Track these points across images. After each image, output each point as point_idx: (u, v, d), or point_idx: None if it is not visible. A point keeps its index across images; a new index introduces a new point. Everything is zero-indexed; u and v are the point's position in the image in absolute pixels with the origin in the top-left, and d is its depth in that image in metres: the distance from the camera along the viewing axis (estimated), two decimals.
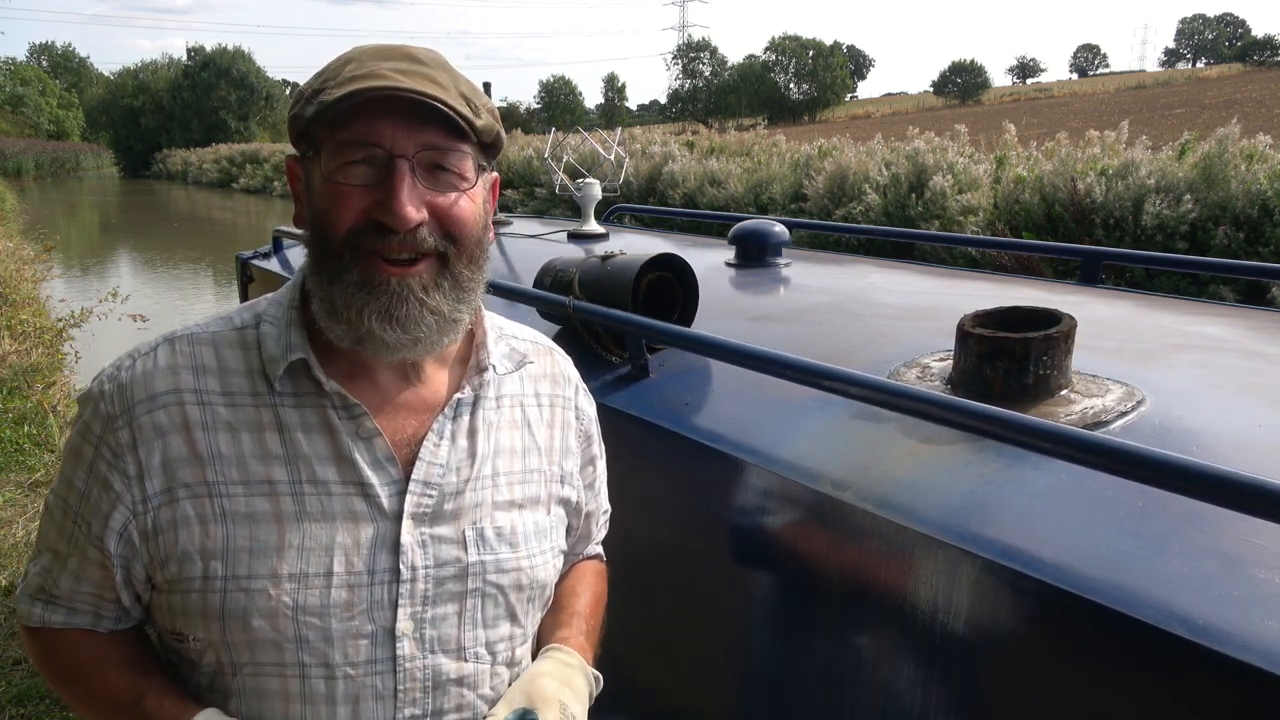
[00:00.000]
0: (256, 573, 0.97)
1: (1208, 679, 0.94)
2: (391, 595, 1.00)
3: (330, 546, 0.99)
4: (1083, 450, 1.10)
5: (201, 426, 1.00)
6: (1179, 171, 9.13)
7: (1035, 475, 1.24)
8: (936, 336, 1.73)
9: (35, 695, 3.32)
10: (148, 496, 0.99)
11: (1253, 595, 0.97)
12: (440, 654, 1.02)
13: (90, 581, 1.05)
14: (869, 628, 1.31)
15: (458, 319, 1.03)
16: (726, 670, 1.55)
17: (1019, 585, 1.09)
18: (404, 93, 0.94)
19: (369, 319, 0.97)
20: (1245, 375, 1.54)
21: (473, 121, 0.99)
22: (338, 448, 1.01)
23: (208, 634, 0.99)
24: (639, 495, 1.73)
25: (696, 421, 1.65)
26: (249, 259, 3.75)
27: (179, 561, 0.98)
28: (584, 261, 2.04)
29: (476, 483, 1.07)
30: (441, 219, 0.99)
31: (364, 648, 0.99)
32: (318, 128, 0.98)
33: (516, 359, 1.17)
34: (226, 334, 1.06)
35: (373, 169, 0.96)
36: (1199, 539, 1.06)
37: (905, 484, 1.30)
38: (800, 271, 2.58)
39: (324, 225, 0.98)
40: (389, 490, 1.02)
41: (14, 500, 4.93)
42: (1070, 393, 1.40)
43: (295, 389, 1.02)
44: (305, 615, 0.97)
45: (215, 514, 0.98)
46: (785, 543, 1.45)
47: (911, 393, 1.31)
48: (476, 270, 1.04)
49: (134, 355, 1.05)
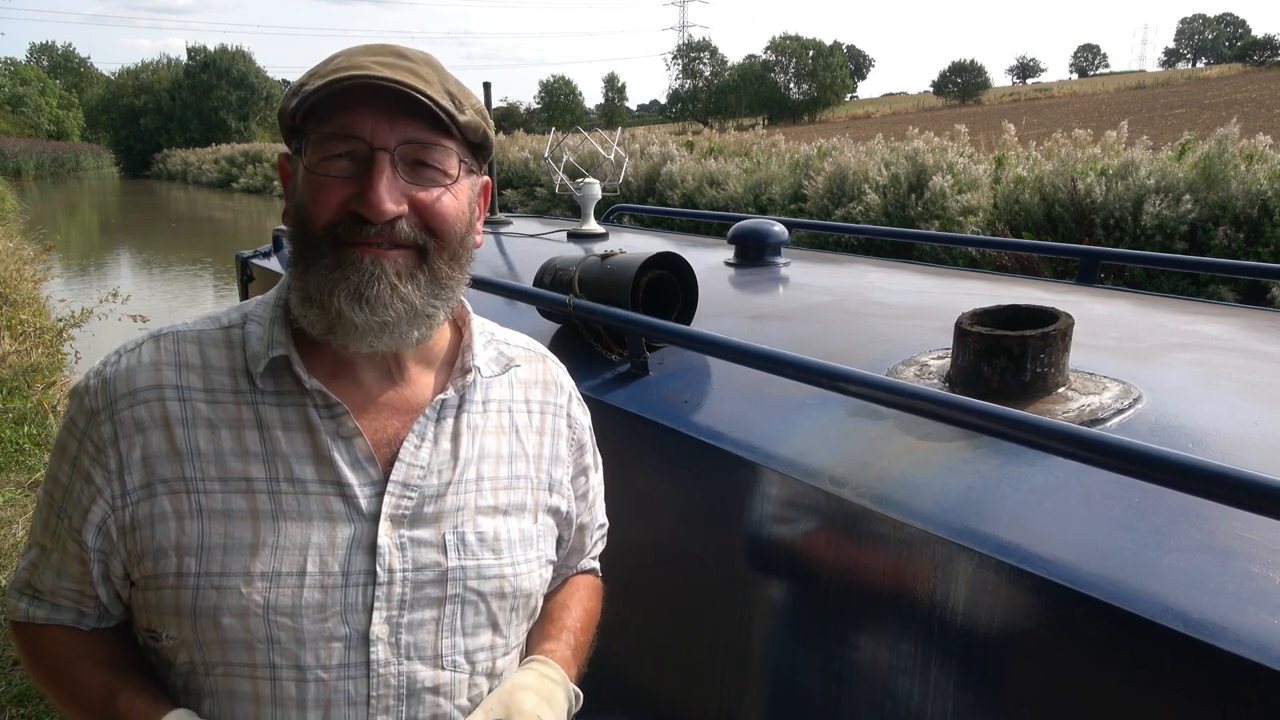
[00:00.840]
0: (229, 570, 0.96)
1: (1201, 672, 0.95)
2: (367, 598, 0.98)
3: (305, 546, 0.97)
4: (1079, 446, 1.10)
5: (181, 423, 1.00)
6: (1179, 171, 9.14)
7: (1032, 471, 1.25)
8: (935, 335, 1.74)
9: (35, 695, 3.33)
10: (127, 491, 0.99)
11: (1246, 589, 0.98)
12: (416, 660, 1.00)
13: (71, 577, 1.04)
14: (867, 623, 1.32)
15: (431, 314, 1.01)
16: (725, 666, 1.56)
17: (1015, 580, 1.10)
18: (382, 82, 0.94)
19: (339, 298, 0.96)
20: (1241, 374, 1.55)
21: (455, 116, 0.98)
22: (317, 446, 1.00)
23: (180, 632, 0.98)
24: (638, 492, 1.73)
25: (696, 419, 1.66)
26: (249, 258, 3.76)
27: (154, 557, 0.98)
28: (584, 260, 2.05)
29: (459, 486, 1.06)
30: (423, 213, 0.99)
31: (337, 651, 0.97)
32: (304, 122, 0.98)
33: (503, 362, 1.16)
34: (212, 332, 1.06)
35: (354, 162, 0.97)
36: (1194, 534, 1.07)
37: (903, 480, 1.31)
38: (799, 271, 2.59)
39: (304, 217, 0.99)
40: (368, 491, 1.01)
41: (14, 500, 4.94)
42: (1067, 390, 1.41)
43: (277, 387, 1.02)
44: (277, 615, 0.96)
45: (192, 510, 0.98)
46: (784, 539, 1.46)
47: (910, 390, 1.31)
48: (458, 269, 1.04)
49: (120, 352, 1.05)
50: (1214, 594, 0.98)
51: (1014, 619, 1.13)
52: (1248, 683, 0.91)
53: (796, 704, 1.42)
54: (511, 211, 5.50)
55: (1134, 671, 1.00)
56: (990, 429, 1.20)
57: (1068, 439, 1.12)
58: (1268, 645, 0.91)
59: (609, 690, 1.18)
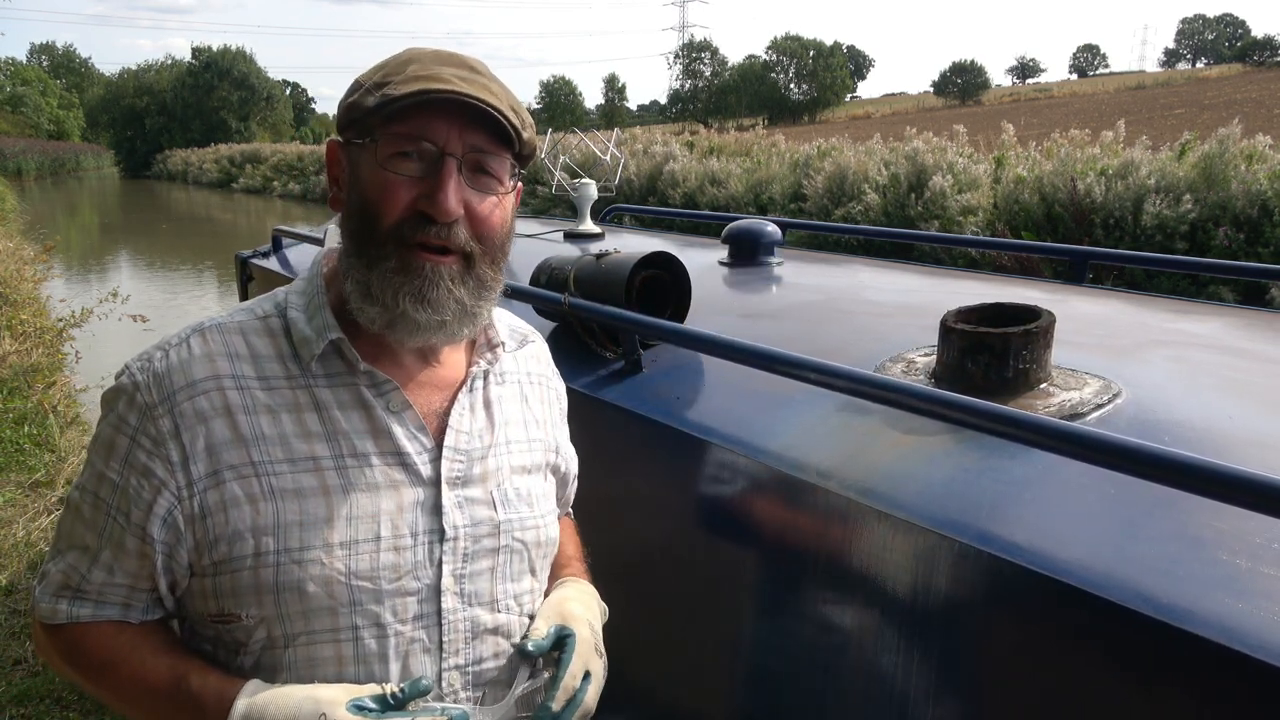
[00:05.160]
0: (309, 544, 1.02)
1: (1171, 654, 0.98)
2: (435, 555, 1.07)
3: (376, 514, 1.05)
4: (1057, 439, 1.13)
5: (243, 410, 1.04)
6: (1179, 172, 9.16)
7: (1013, 464, 1.28)
8: (922, 332, 1.77)
9: (35, 695, 3.33)
10: (193, 481, 1.02)
11: (1213, 576, 1.01)
12: (478, 606, 1.10)
13: (125, 573, 1.06)
14: (851, 610, 1.35)
15: (477, 313, 1.10)
16: (716, 655, 1.59)
17: (994, 568, 1.13)
18: (467, 98, 1.01)
19: (403, 300, 1.04)
20: (1219, 369, 1.58)
21: (520, 132, 1.07)
22: (374, 422, 1.08)
23: (261, 609, 1.03)
24: (631, 485, 1.77)
25: (688, 414, 1.69)
26: (249, 258, 3.79)
27: (229, 541, 1.02)
28: (579, 259, 2.08)
29: (496, 449, 1.16)
30: (474, 221, 1.06)
31: (412, 605, 1.06)
32: (374, 118, 1.03)
33: (518, 338, 1.28)
34: (252, 323, 1.11)
35: (422, 163, 1.03)
36: (1166, 523, 1.10)
37: (888, 473, 1.34)
38: (792, 270, 2.62)
39: (371, 213, 1.04)
40: (424, 458, 1.09)
41: (14, 500, 4.94)
42: (1049, 386, 1.44)
43: (327, 370, 1.09)
44: (358, 580, 1.03)
45: (264, 492, 1.03)
46: (773, 529, 1.49)
47: (895, 385, 1.35)
48: (497, 271, 1.13)
49: (164, 347, 1.08)
50: (1183, 580, 1.01)
51: (993, 605, 1.16)
52: (1214, 665, 0.94)
53: (783, 686, 1.45)
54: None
55: (1107, 654, 1.04)
56: (973, 423, 1.24)
57: (1047, 433, 1.15)
58: (1232, 629, 0.94)
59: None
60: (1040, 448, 1.17)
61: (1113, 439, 1.08)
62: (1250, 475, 0.96)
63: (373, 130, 1.04)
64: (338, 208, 1.11)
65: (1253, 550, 1.03)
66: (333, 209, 1.12)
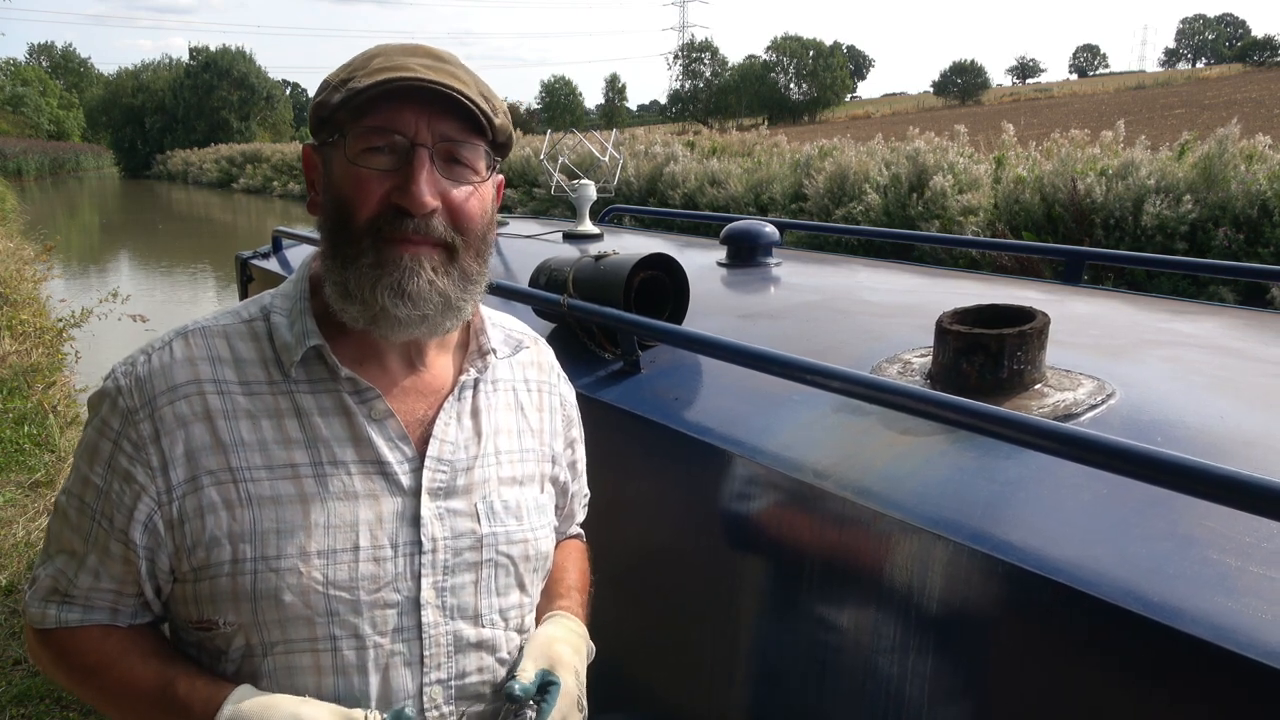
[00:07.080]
0: (285, 552, 1.01)
1: (1161, 652, 0.99)
2: (414, 566, 1.05)
3: (355, 523, 1.03)
4: (1051, 440, 1.14)
5: (223, 415, 1.03)
6: (1179, 172, 9.17)
7: (1007, 465, 1.29)
8: (919, 333, 1.77)
9: (35, 695, 3.34)
10: (172, 486, 1.02)
11: (1204, 575, 1.02)
12: (460, 620, 1.08)
13: (111, 577, 1.06)
14: (848, 610, 1.36)
15: (461, 306, 1.08)
16: (714, 654, 1.60)
17: (988, 568, 1.14)
18: (431, 84, 0.99)
19: (382, 295, 1.01)
20: (1212, 370, 1.59)
21: (491, 119, 1.05)
22: (354, 429, 1.06)
23: (238, 616, 1.02)
24: (630, 486, 1.77)
25: (686, 415, 1.70)
26: (249, 259, 3.79)
27: (207, 547, 1.01)
28: (578, 261, 2.08)
29: (483, 460, 1.14)
30: (452, 212, 1.04)
31: (391, 617, 1.04)
32: (342, 114, 1.02)
33: (513, 344, 1.24)
34: (236, 326, 1.10)
35: (393, 156, 1.01)
36: (1158, 523, 1.11)
37: (883, 473, 1.35)
38: (790, 271, 2.63)
39: (345, 212, 1.03)
40: (405, 468, 1.07)
41: (14, 500, 4.94)
42: (1044, 386, 1.45)
43: (309, 375, 1.07)
44: (335, 589, 1.02)
45: (241, 498, 1.01)
46: (770, 530, 1.50)
47: (891, 386, 1.35)
48: (482, 264, 1.10)
49: (147, 351, 1.07)
50: (1174, 579, 1.02)
51: (987, 604, 1.17)
52: (1205, 663, 0.95)
53: (782, 686, 1.46)
54: (511, 211, 5.54)
55: (1099, 652, 1.05)
56: (968, 424, 1.25)
57: (1041, 433, 1.16)
58: (1223, 627, 0.95)
59: (598, 678, 1.22)
60: (1034, 448, 1.18)
61: (1105, 440, 1.09)
62: (1240, 475, 0.97)
63: (341, 127, 1.03)
64: (315, 211, 1.09)
65: (1243, 549, 1.04)
66: (311, 213, 1.10)
